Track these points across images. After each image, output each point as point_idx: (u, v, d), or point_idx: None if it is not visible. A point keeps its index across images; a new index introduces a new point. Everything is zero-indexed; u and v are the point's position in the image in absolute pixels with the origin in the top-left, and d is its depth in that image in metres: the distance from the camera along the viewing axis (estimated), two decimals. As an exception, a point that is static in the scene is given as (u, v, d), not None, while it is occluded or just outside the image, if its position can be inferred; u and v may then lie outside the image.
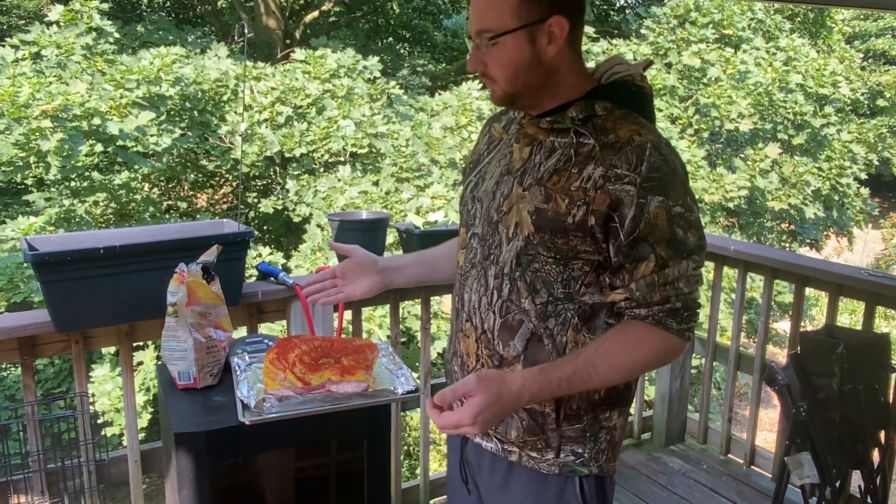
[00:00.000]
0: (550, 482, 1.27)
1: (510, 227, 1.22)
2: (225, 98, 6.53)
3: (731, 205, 7.82)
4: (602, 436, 1.26)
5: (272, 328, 4.19)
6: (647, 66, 1.29)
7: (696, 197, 1.21)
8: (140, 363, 5.47)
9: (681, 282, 1.15)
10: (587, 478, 1.26)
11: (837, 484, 2.24)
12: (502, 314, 1.23)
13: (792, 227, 9.44)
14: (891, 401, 2.28)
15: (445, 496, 2.67)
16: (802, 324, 2.86)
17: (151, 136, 5.74)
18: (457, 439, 1.42)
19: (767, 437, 6.50)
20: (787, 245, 9.47)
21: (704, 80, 8.39)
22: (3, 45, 5.84)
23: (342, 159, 6.42)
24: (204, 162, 7.50)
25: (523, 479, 1.29)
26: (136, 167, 6.33)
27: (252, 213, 7.50)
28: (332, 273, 1.54)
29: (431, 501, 2.66)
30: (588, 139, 1.17)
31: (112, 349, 5.39)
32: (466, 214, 1.34)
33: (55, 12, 6.19)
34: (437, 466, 5.90)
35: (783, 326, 9.59)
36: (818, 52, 10.04)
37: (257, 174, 7.12)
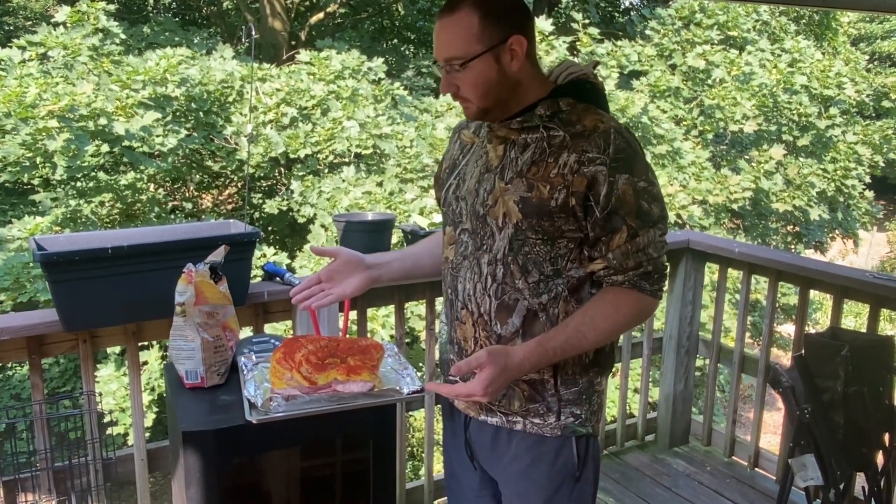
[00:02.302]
0: (548, 445, 1.39)
1: (498, 217, 1.34)
2: (230, 99, 6.55)
3: (735, 206, 7.78)
4: (594, 399, 1.41)
5: (277, 328, 4.20)
6: (596, 66, 1.46)
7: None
8: (145, 363, 5.49)
9: (650, 248, 1.30)
10: (582, 438, 1.40)
11: (841, 486, 2.24)
12: (498, 296, 1.35)
13: (797, 228, 9.42)
14: (895, 403, 2.27)
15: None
16: (807, 326, 2.86)
17: (157, 136, 5.77)
18: (459, 422, 1.51)
19: (771, 439, 6.50)
20: (792, 247, 9.43)
21: (709, 82, 8.38)
22: (11, 46, 5.88)
23: (346, 160, 6.43)
24: (209, 163, 7.51)
25: (523, 447, 1.40)
26: (141, 167, 6.35)
27: (257, 214, 7.50)
28: (318, 279, 1.57)
29: (436, 502, 2.67)
30: (557, 132, 1.31)
31: (117, 349, 5.41)
32: (452, 214, 1.46)
33: (62, 13, 6.22)
34: (441, 467, 5.90)
35: (787, 330, 9.57)
36: (823, 53, 10.01)
37: (262, 175, 7.12)
